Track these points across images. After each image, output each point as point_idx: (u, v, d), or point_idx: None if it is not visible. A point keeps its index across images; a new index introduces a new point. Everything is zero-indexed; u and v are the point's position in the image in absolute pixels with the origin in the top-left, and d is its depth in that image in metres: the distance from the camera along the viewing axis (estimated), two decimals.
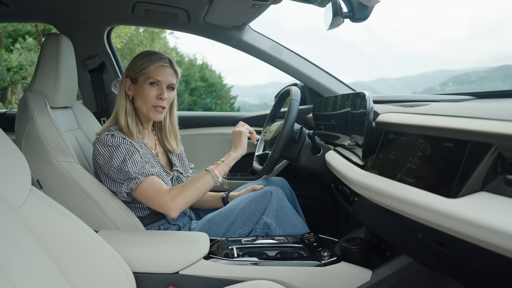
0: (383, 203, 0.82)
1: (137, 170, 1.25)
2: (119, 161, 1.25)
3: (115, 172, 1.26)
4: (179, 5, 1.72)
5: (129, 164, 1.25)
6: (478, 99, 1.40)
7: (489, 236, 0.53)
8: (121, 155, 1.26)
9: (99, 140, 1.29)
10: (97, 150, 1.28)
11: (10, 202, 0.79)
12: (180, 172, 1.49)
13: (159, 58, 1.35)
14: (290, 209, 1.40)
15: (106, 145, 1.27)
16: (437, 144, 0.70)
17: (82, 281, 0.88)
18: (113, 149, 1.26)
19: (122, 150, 1.26)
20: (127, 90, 1.37)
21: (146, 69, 1.32)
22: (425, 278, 1.10)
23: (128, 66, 1.38)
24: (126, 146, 1.28)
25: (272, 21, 38.44)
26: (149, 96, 1.33)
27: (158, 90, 1.33)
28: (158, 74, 1.33)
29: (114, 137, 1.28)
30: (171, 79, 1.35)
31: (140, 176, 1.25)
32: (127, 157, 1.25)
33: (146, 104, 1.34)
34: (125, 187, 1.26)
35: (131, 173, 1.24)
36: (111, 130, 1.32)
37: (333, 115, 1.28)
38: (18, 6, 1.77)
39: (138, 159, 1.27)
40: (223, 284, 1.06)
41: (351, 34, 74.26)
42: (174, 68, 1.38)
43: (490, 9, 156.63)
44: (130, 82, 1.37)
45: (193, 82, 14.49)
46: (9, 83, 9.47)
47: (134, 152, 1.28)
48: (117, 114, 1.36)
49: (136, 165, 1.25)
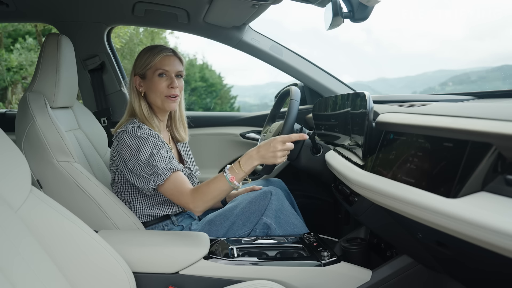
0: (383, 203, 0.82)
1: (165, 165, 1.24)
2: (146, 154, 1.25)
3: (142, 166, 1.25)
4: (179, 5, 1.72)
5: (156, 158, 1.24)
6: (478, 99, 1.40)
7: (489, 236, 0.53)
8: (148, 148, 1.26)
9: (127, 132, 1.28)
10: (124, 142, 1.27)
11: (10, 202, 0.79)
12: (191, 170, 1.50)
13: (161, 49, 1.37)
14: (289, 210, 1.40)
15: (135, 136, 1.27)
16: (437, 144, 0.70)
17: (82, 281, 0.88)
18: (141, 141, 1.26)
19: (150, 143, 1.26)
20: (138, 87, 1.38)
21: (152, 62, 1.34)
22: (425, 278, 1.10)
23: (134, 64, 1.40)
24: (154, 140, 1.28)
25: (271, 21, 38.42)
26: (161, 87, 1.34)
27: (168, 80, 1.35)
28: (164, 64, 1.35)
29: (141, 129, 1.29)
30: (178, 67, 1.38)
31: (167, 171, 1.24)
32: (155, 151, 1.25)
33: (159, 96, 1.35)
34: (152, 183, 1.24)
35: (159, 168, 1.23)
36: (134, 122, 1.32)
37: (333, 115, 1.28)
38: (18, 6, 1.77)
39: (165, 154, 1.27)
40: (223, 284, 1.06)
41: (350, 34, 74.33)
42: (178, 57, 1.40)
43: (488, 9, 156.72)
44: (140, 79, 1.38)
45: (193, 82, 14.48)
46: (9, 83, 9.47)
47: (161, 146, 1.28)
48: (133, 111, 1.38)
49: (163, 160, 1.25)
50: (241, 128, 2.18)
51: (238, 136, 2.16)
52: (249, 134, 2.16)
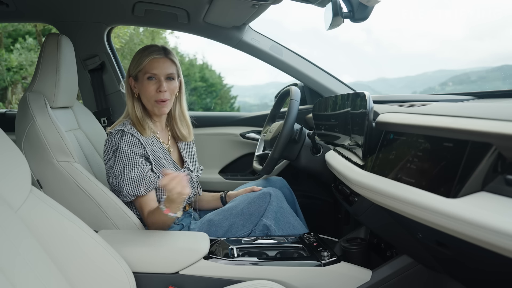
0: (383, 203, 0.82)
1: (130, 189, 1.28)
2: (119, 169, 1.29)
3: (113, 177, 1.30)
4: (179, 5, 1.72)
5: (126, 178, 1.28)
6: (478, 99, 1.40)
7: (489, 236, 0.53)
8: (121, 164, 1.29)
9: (110, 138, 1.32)
10: (105, 148, 1.33)
11: (10, 202, 0.79)
12: (190, 170, 1.50)
13: (152, 51, 1.35)
14: (289, 211, 1.40)
15: (114, 146, 1.30)
16: (437, 144, 0.70)
17: (82, 281, 0.88)
18: (117, 153, 1.29)
19: (124, 158, 1.29)
20: (132, 88, 1.39)
21: (141, 65, 1.34)
22: (425, 278, 1.09)
23: (129, 65, 1.40)
24: (130, 155, 1.29)
25: (271, 21, 38.33)
26: (149, 91, 1.34)
27: (157, 83, 1.34)
28: (153, 67, 1.34)
29: (123, 137, 1.30)
30: (168, 70, 1.35)
31: (131, 196, 1.30)
32: (126, 169, 1.28)
33: (149, 100, 1.36)
34: (120, 196, 1.32)
35: (124, 189, 1.29)
36: (124, 124, 1.34)
37: (333, 115, 1.28)
38: (18, 6, 1.77)
39: (136, 174, 1.28)
40: (223, 284, 1.06)
41: (350, 34, 74.22)
42: (170, 58, 1.37)
43: (488, 9, 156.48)
44: (134, 80, 1.38)
45: (193, 82, 14.49)
46: (9, 83, 9.47)
47: (135, 164, 1.29)
48: (128, 111, 1.39)
49: (131, 183, 1.28)
50: (241, 128, 2.18)
51: (238, 136, 2.16)
52: (249, 134, 2.16)
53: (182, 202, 1.19)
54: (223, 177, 2.18)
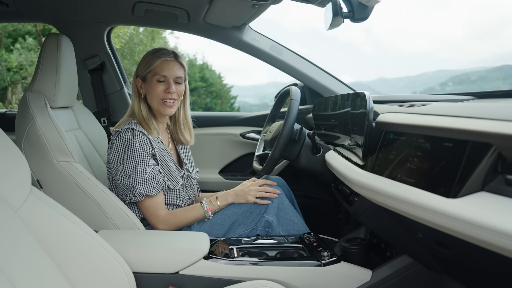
0: (383, 203, 0.82)
1: (143, 189, 1.28)
2: (131, 167, 1.28)
3: (123, 177, 1.29)
4: (179, 5, 1.72)
5: (138, 177, 1.28)
6: (478, 99, 1.39)
7: (489, 236, 0.53)
8: (134, 162, 1.28)
9: (120, 136, 1.31)
10: (115, 146, 1.32)
11: (10, 202, 0.79)
12: (189, 172, 1.51)
13: (163, 53, 1.37)
14: (289, 208, 1.42)
15: (126, 143, 1.29)
16: (437, 144, 0.70)
17: (81, 281, 0.88)
18: (130, 151, 1.29)
19: (138, 156, 1.28)
20: (139, 89, 1.40)
21: (151, 66, 1.36)
22: (425, 278, 1.10)
23: (138, 66, 1.41)
24: (142, 153, 1.29)
25: (271, 21, 38.34)
26: (157, 92, 1.35)
27: (165, 85, 1.36)
28: (163, 69, 1.35)
29: (134, 135, 1.30)
30: (177, 73, 1.38)
31: (142, 196, 1.29)
32: (139, 168, 1.28)
33: (156, 99, 1.37)
34: (128, 198, 1.31)
35: (136, 188, 1.28)
36: (131, 123, 1.34)
37: (333, 115, 1.28)
38: (18, 6, 1.77)
39: (148, 173, 1.29)
40: (223, 284, 1.06)
41: (349, 34, 74.10)
42: (180, 62, 1.40)
43: (488, 9, 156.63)
44: (141, 81, 1.39)
45: (193, 82, 14.50)
46: (9, 83, 9.47)
47: (148, 163, 1.30)
48: (133, 111, 1.40)
49: (144, 182, 1.28)
50: (241, 128, 2.18)
51: (238, 136, 2.16)
52: (249, 134, 2.16)
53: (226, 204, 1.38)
54: (223, 177, 2.18)
